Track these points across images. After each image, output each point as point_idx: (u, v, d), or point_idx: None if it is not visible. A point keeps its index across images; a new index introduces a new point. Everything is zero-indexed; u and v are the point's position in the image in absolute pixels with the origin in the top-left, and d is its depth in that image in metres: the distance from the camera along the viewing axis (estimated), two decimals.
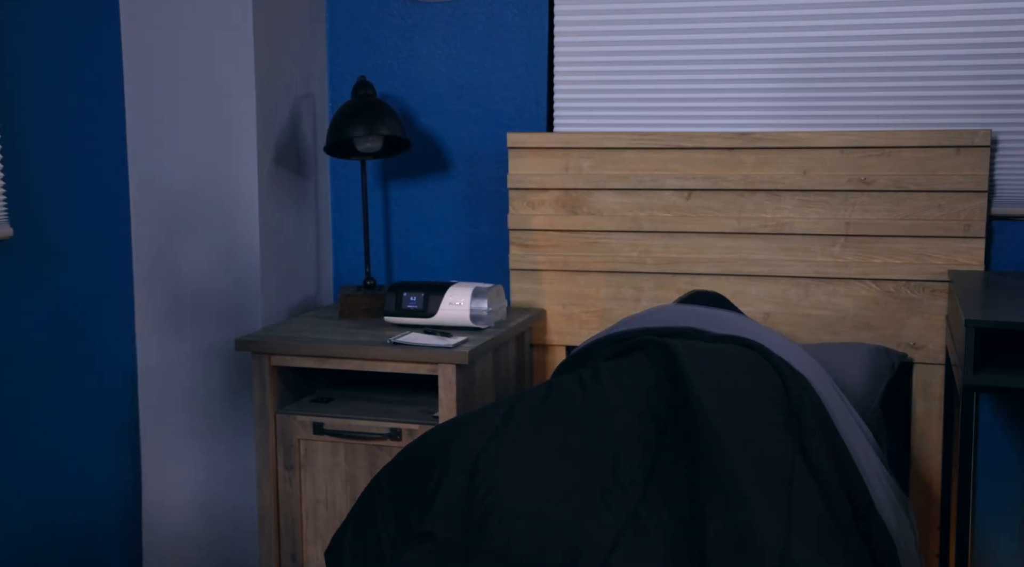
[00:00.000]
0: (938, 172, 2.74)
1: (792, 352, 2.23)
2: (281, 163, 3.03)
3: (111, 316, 2.97)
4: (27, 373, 2.70)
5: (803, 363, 2.20)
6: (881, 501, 1.99)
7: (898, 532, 2.01)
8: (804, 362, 2.21)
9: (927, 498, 2.82)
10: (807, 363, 2.22)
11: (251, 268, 2.95)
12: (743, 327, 2.31)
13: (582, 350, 2.43)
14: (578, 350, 2.46)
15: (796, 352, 2.24)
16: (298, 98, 3.11)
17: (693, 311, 2.43)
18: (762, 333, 2.28)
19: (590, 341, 2.47)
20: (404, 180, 3.23)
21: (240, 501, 3.04)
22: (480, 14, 3.12)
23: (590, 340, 2.48)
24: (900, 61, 2.81)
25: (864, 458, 2.06)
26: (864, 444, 2.13)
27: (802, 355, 2.24)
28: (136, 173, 3.01)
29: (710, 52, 2.95)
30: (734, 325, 2.32)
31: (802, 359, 2.22)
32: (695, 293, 2.64)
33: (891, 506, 2.04)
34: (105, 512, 2.99)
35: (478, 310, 2.75)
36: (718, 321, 2.35)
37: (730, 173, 2.89)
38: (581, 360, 2.40)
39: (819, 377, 2.20)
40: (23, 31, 2.64)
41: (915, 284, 2.79)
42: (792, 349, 2.25)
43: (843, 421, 2.10)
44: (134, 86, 2.98)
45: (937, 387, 2.79)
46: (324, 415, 2.71)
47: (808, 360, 2.24)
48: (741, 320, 2.37)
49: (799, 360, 2.20)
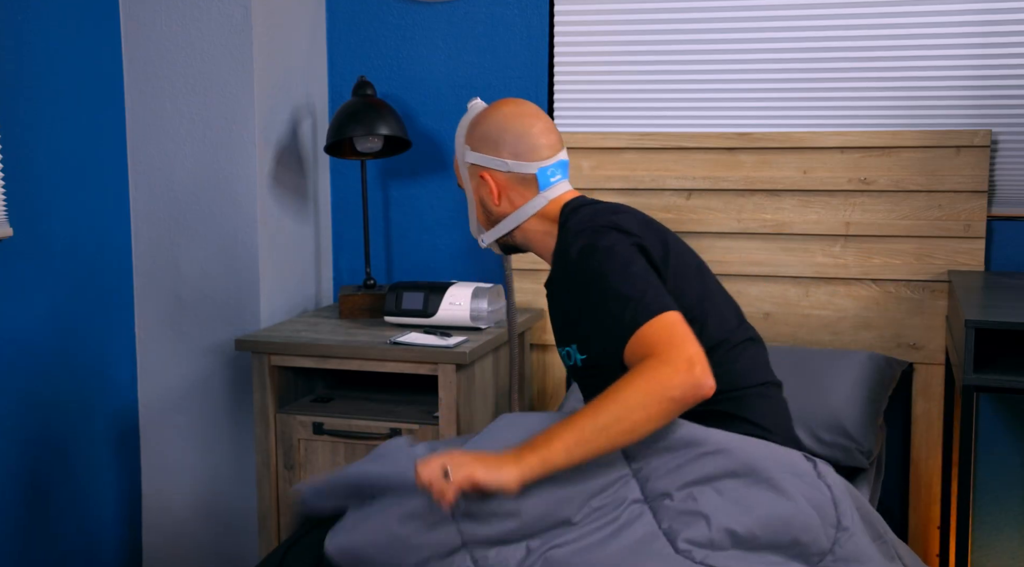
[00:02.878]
0: (938, 172, 2.74)
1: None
2: (281, 163, 3.03)
3: (111, 316, 2.97)
4: (27, 373, 2.70)
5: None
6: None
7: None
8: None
9: (927, 498, 2.82)
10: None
11: (251, 268, 2.95)
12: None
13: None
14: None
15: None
16: (298, 98, 3.11)
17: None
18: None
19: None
20: (404, 180, 3.23)
21: (240, 501, 3.04)
22: (480, 14, 3.12)
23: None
24: (900, 61, 2.81)
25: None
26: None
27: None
28: (136, 173, 3.01)
29: (710, 52, 2.95)
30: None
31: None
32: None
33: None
34: (105, 512, 2.99)
35: (478, 310, 2.75)
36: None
37: (730, 173, 2.89)
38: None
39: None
40: (23, 31, 2.64)
41: (915, 284, 2.79)
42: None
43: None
44: (134, 86, 2.98)
45: (937, 387, 2.79)
46: (324, 415, 2.71)
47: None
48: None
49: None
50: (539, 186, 2.04)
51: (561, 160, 2.07)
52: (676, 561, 1.67)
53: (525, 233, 2.09)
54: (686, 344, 1.69)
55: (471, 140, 2.09)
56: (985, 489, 2.82)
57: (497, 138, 2.05)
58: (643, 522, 1.72)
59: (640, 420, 1.65)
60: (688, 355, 1.66)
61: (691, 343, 1.69)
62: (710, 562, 1.68)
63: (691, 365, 1.65)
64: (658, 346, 1.69)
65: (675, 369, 1.65)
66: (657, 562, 1.67)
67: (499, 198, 2.06)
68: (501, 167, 2.04)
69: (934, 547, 2.82)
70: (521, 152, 2.04)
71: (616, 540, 1.70)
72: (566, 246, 1.93)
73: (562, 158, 2.08)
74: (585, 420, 1.66)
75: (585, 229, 1.92)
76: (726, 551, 1.70)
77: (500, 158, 2.04)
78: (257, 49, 2.91)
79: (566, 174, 2.09)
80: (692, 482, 1.75)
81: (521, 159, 2.04)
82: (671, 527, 1.72)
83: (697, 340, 1.72)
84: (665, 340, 1.70)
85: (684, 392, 1.65)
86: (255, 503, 2.96)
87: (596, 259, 1.84)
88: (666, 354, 1.67)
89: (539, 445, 1.67)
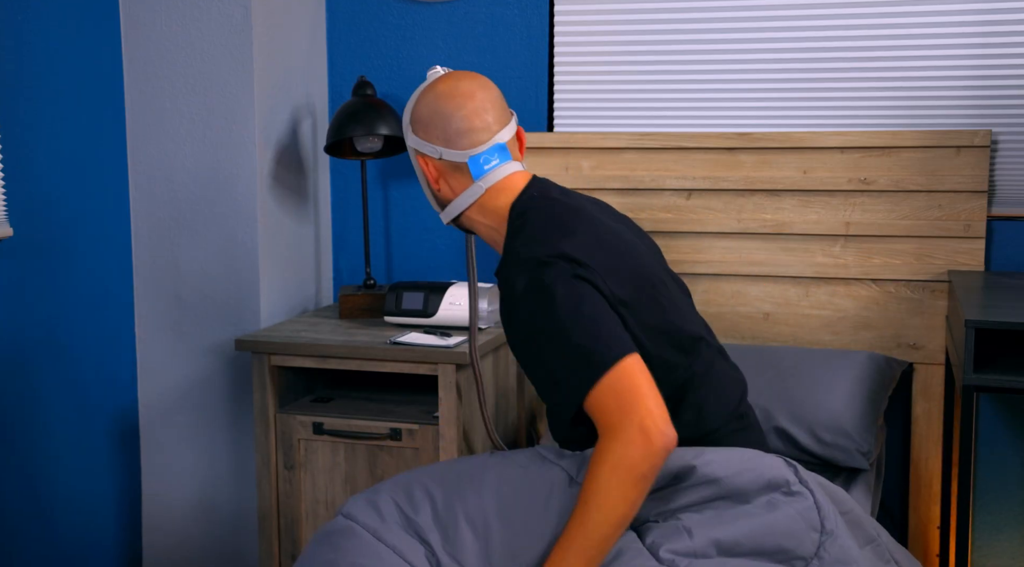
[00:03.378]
0: (938, 172, 2.74)
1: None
2: (281, 163, 3.03)
3: (111, 316, 2.97)
4: (27, 373, 2.70)
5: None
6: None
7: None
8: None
9: (927, 498, 2.82)
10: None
11: (251, 268, 2.95)
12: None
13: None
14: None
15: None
16: (298, 98, 3.11)
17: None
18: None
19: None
20: (404, 180, 3.23)
21: (240, 501, 3.04)
22: (480, 14, 3.12)
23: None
24: (900, 61, 2.81)
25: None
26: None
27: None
28: (136, 173, 3.01)
29: (710, 52, 2.95)
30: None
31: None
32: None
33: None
34: (105, 512, 2.99)
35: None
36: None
37: (730, 173, 2.89)
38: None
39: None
40: (23, 31, 2.64)
41: (915, 284, 2.79)
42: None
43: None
44: (134, 86, 2.98)
45: (937, 387, 2.79)
46: (324, 415, 2.71)
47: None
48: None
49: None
50: (472, 175, 1.92)
51: (497, 143, 1.92)
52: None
53: (470, 222, 1.99)
54: (637, 405, 1.65)
55: (413, 121, 1.97)
56: (985, 489, 2.82)
57: (427, 122, 1.93)
58: (625, 540, 1.73)
59: (627, 510, 1.66)
60: (640, 423, 1.63)
61: (644, 400, 1.65)
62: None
63: (645, 434, 1.63)
64: (612, 414, 1.66)
65: (633, 445, 1.63)
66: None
67: (437, 183, 1.96)
68: (433, 153, 1.93)
69: (934, 547, 2.82)
70: (450, 137, 1.91)
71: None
72: (511, 277, 1.82)
73: (499, 141, 1.93)
74: (581, 538, 1.65)
75: (531, 259, 1.79)
76: (711, 559, 1.70)
77: (431, 144, 1.93)
78: (257, 49, 2.91)
79: (507, 156, 1.94)
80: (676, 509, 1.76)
81: (451, 146, 1.91)
82: (654, 542, 1.72)
83: (653, 385, 1.68)
84: (617, 407, 1.66)
85: (651, 463, 1.64)
86: (255, 503, 2.96)
87: (543, 300, 1.75)
88: (619, 427, 1.64)
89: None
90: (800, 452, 2.51)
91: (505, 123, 1.96)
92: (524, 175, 1.97)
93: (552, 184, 2.00)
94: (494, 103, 1.96)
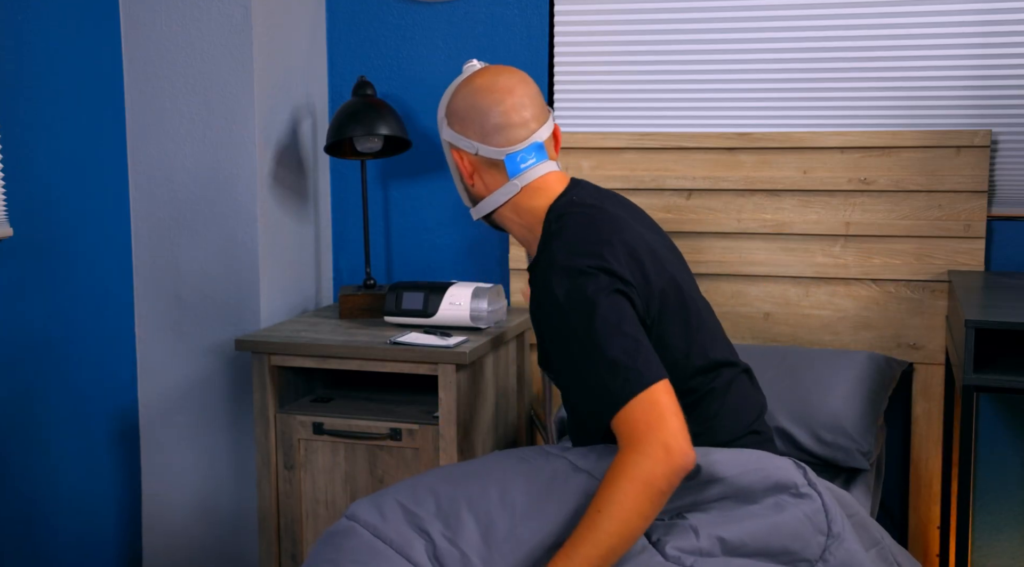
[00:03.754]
0: (938, 172, 2.74)
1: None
2: (281, 163, 3.03)
3: (111, 316, 2.97)
4: (27, 373, 2.70)
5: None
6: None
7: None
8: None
9: (927, 498, 2.82)
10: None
11: (251, 268, 2.95)
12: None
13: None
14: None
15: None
16: (298, 98, 3.11)
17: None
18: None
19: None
20: (404, 180, 3.23)
21: (240, 501, 3.04)
22: (480, 14, 3.12)
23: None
24: (900, 61, 2.81)
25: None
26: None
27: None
28: (136, 173, 3.01)
29: (710, 52, 2.95)
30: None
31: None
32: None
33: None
34: (105, 512, 2.99)
35: (478, 310, 2.75)
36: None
37: (730, 173, 2.89)
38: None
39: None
40: (23, 31, 2.64)
41: (915, 284, 2.79)
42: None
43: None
44: (134, 86, 2.98)
45: (937, 387, 2.79)
46: (324, 415, 2.71)
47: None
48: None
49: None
50: (508, 173, 1.89)
51: (535, 142, 1.89)
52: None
53: (503, 219, 1.97)
54: (663, 425, 1.66)
55: (448, 114, 1.94)
56: (985, 489, 2.82)
57: (464, 116, 1.90)
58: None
59: (640, 524, 1.66)
60: (664, 441, 1.65)
61: (669, 421, 1.67)
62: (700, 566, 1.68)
63: (668, 451, 1.64)
64: (637, 429, 1.67)
65: (654, 460, 1.64)
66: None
67: (471, 178, 1.94)
68: (470, 149, 1.90)
69: (934, 547, 2.82)
70: (487, 133, 1.88)
71: None
72: (549, 279, 1.80)
73: (536, 140, 1.90)
74: (590, 547, 1.65)
75: (572, 267, 1.78)
76: (716, 558, 1.70)
77: (468, 139, 1.90)
78: (257, 49, 2.91)
79: (543, 155, 1.91)
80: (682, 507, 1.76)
81: (488, 142, 1.88)
82: (660, 539, 1.72)
83: (677, 409, 1.69)
84: (644, 423, 1.67)
85: (669, 480, 1.65)
86: (255, 503, 2.96)
87: (586, 312, 1.74)
88: (643, 441, 1.65)
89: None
90: (800, 452, 2.51)
91: (543, 121, 1.93)
92: (560, 177, 1.95)
93: (589, 186, 1.98)
94: (533, 99, 1.93)
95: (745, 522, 1.72)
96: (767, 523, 1.72)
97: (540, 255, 1.86)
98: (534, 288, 1.87)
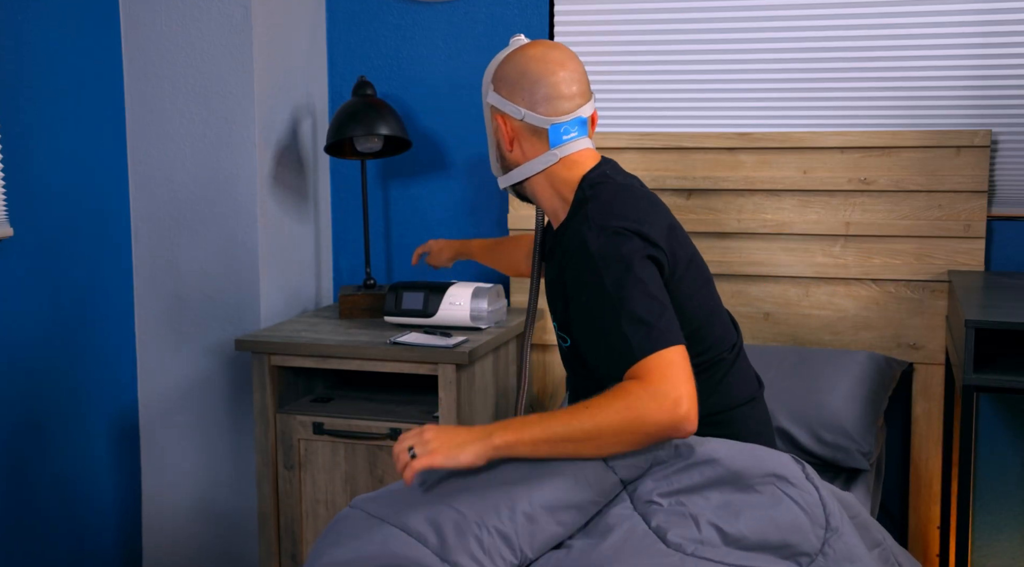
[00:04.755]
0: (938, 172, 2.74)
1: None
2: (281, 163, 3.03)
3: (111, 316, 2.97)
4: (27, 373, 2.70)
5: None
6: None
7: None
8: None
9: (927, 498, 2.82)
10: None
11: (251, 268, 2.95)
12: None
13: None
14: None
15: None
16: (298, 98, 3.11)
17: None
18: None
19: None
20: (404, 180, 3.23)
21: (240, 501, 3.04)
22: (480, 14, 3.12)
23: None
24: (900, 61, 2.81)
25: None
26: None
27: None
28: (136, 173, 3.01)
29: (710, 52, 2.95)
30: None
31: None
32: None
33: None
34: (105, 512, 2.99)
35: (478, 310, 2.75)
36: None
37: (730, 173, 2.89)
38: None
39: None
40: (23, 31, 2.64)
41: (915, 284, 2.79)
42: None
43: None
44: (134, 86, 2.98)
45: (937, 387, 2.79)
46: (324, 415, 2.71)
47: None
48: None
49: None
50: (550, 142, 1.93)
51: (580, 117, 1.94)
52: (667, 554, 1.67)
53: (533, 188, 2.00)
54: (680, 382, 1.67)
55: (496, 79, 1.97)
56: (985, 489, 2.82)
57: (515, 82, 1.93)
58: (632, 522, 1.73)
59: (610, 444, 1.68)
60: (677, 395, 1.66)
61: (685, 382, 1.68)
62: (701, 554, 1.68)
63: (676, 404, 1.65)
64: (652, 375, 1.68)
65: (660, 406, 1.65)
66: (647, 556, 1.67)
67: (511, 144, 1.97)
68: (515, 114, 1.93)
69: (934, 547, 2.82)
70: (537, 101, 1.92)
71: (605, 541, 1.70)
72: (583, 234, 1.84)
73: (581, 115, 1.94)
74: (559, 425, 1.68)
75: (607, 227, 1.83)
76: (717, 547, 1.71)
77: (515, 105, 1.93)
78: (257, 49, 2.91)
79: (584, 131, 1.96)
80: (680, 491, 1.76)
81: (536, 110, 1.92)
82: (659, 525, 1.72)
83: (692, 377, 1.71)
84: (660, 375, 1.68)
85: (661, 429, 1.66)
86: (255, 503, 2.96)
87: (619, 269, 1.78)
88: (656, 385, 1.67)
89: (510, 431, 1.69)
90: (800, 452, 2.51)
91: (588, 99, 1.97)
92: (595, 154, 2.00)
93: (619, 166, 2.04)
94: (581, 77, 1.97)
95: (744, 514, 1.72)
96: (765, 515, 1.72)
97: (572, 217, 1.91)
98: (561, 248, 1.91)
